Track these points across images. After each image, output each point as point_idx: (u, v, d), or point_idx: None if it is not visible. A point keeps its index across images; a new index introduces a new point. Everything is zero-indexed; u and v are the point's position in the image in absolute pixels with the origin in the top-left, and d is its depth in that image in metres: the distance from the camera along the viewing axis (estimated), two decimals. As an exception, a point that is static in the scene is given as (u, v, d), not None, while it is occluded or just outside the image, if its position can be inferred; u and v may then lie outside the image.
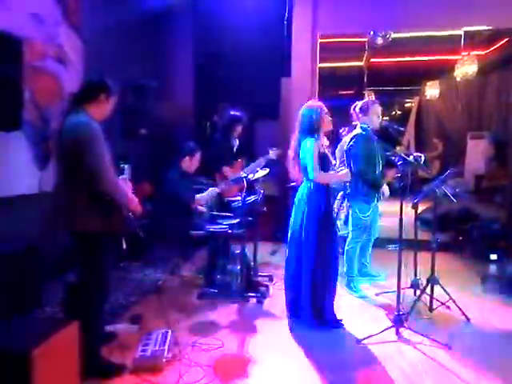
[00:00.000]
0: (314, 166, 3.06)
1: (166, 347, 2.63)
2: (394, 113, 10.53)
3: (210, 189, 3.98)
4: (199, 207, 4.10)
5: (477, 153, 8.87)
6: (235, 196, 4.47)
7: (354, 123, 4.07)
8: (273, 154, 4.56)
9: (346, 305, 3.50)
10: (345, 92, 10.24)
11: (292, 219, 3.28)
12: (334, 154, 4.25)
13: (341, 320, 3.16)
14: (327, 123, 3.19)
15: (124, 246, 2.47)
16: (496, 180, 7.83)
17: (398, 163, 2.96)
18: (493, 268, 4.60)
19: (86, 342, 2.20)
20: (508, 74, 8.01)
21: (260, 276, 4.07)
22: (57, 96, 4.19)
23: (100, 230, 2.36)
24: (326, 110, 3.18)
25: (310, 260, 3.09)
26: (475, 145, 8.99)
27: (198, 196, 3.92)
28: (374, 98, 7.13)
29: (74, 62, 4.42)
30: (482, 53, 7.80)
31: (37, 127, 3.91)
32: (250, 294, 3.62)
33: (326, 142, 3.30)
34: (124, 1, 5.10)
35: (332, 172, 3.20)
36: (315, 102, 3.24)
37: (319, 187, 3.13)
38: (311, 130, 3.14)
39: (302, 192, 3.22)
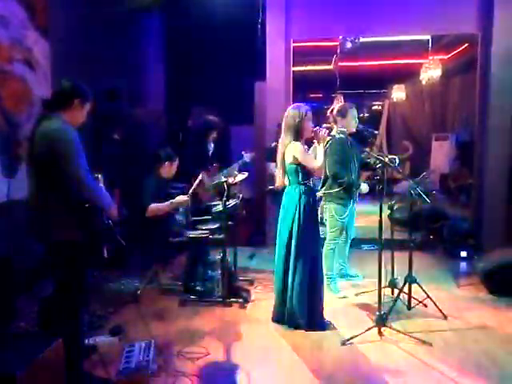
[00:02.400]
0: (310, 157, 3.12)
1: (151, 358, 2.57)
2: (362, 115, 10.78)
3: (178, 197, 3.83)
4: (177, 216, 4.03)
5: (441, 153, 9.21)
6: (211, 200, 4.43)
7: (326, 125, 4.11)
8: (247, 157, 4.56)
9: (327, 306, 3.52)
10: (314, 95, 10.40)
11: (281, 222, 3.26)
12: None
13: (328, 322, 3.23)
14: (309, 130, 3.17)
15: (105, 255, 2.39)
16: (460, 180, 8.16)
17: (377, 166, 3.03)
18: (463, 265, 4.79)
19: (67, 357, 2.11)
20: (469, 77, 8.37)
21: (241, 280, 4.05)
22: (25, 100, 4.03)
23: (78, 240, 2.28)
24: (310, 116, 3.16)
25: (305, 262, 3.12)
26: (439, 146, 9.34)
27: (153, 205, 3.71)
28: (342, 101, 7.28)
29: (43, 66, 4.27)
30: (445, 57, 8.12)
31: (4, 133, 3.74)
32: (231, 299, 3.60)
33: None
34: (93, 2, 4.97)
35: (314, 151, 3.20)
36: (301, 106, 3.20)
37: (308, 189, 3.18)
38: (296, 133, 3.14)
39: (291, 195, 3.21)
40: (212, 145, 4.75)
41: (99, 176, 2.50)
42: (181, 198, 3.82)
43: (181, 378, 2.48)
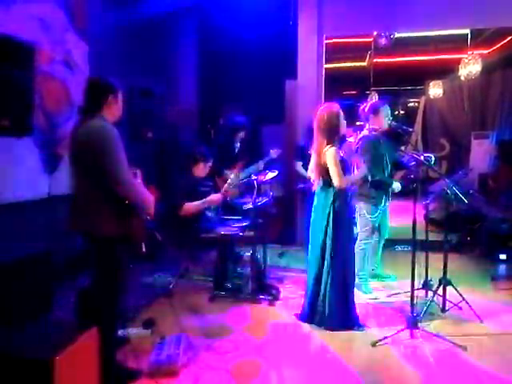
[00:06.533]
0: (338, 172, 3.05)
1: (181, 351, 2.63)
2: (397, 113, 10.51)
3: (211, 196, 3.89)
4: (207, 212, 4.09)
5: (481, 152, 8.86)
6: (240, 198, 4.46)
7: (359, 123, 4.05)
8: (273, 153, 4.56)
9: (358, 307, 3.48)
10: (348, 92, 10.24)
11: (313, 224, 3.26)
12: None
13: (362, 324, 3.19)
14: (344, 127, 3.17)
15: (144, 250, 2.45)
16: (500, 180, 7.81)
17: (411, 164, 2.96)
18: (502, 268, 4.60)
19: (101, 347, 2.19)
20: (511, 72, 8.00)
21: (270, 278, 4.06)
22: (64, 101, 4.19)
23: (117, 234, 2.34)
24: (342, 114, 3.17)
25: (339, 264, 3.13)
26: (479, 144, 8.98)
27: (187, 204, 3.78)
28: (377, 98, 7.15)
29: (81, 67, 4.43)
30: (485, 52, 7.80)
31: (45, 132, 3.91)
32: (261, 297, 3.62)
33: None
34: (129, 5, 5.11)
35: (353, 174, 3.24)
36: (334, 105, 3.19)
37: (343, 192, 3.15)
38: (332, 134, 3.12)
39: (325, 197, 3.18)
40: (238, 144, 4.77)
41: (137, 172, 2.55)
42: (214, 196, 3.87)
43: (210, 372, 2.52)
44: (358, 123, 4.87)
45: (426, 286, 3.60)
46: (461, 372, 2.55)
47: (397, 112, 10.59)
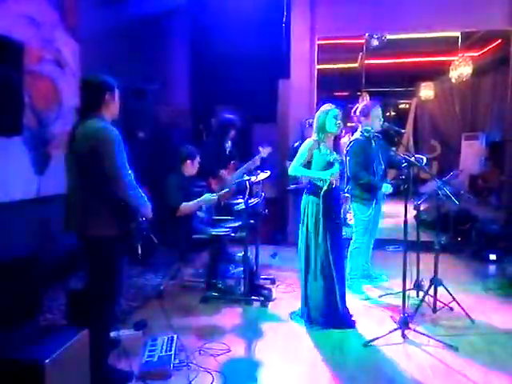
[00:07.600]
0: (295, 161, 3.21)
1: (173, 352, 2.61)
2: (388, 114, 10.59)
3: (204, 196, 3.86)
4: (198, 212, 4.06)
5: (471, 154, 8.95)
6: (232, 199, 4.44)
7: (350, 125, 4.06)
8: (264, 152, 4.54)
9: (350, 307, 3.49)
10: (339, 93, 10.28)
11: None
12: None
13: (353, 320, 3.22)
14: (334, 127, 3.17)
15: (139, 252, 2.42)
16: (490, 180, 7.91)
17: (403, 165, 2.97)
18: (493, 268, 4.64)
19: (93, 349, 2.17)
20: (501, 75, 8.10)
21: (262, 279, 4.05)
22: (54, 100, 4.15)
23: (115, 236, 2.32)
24: (337, 114, 3.17)
25: (321, 260, 3.15)
26: (469, 146, 9.07)
27: (184, 205, 3.75)
28: (368, 100, 7.18)
29: (71, 66, 4.38)
30: (476, 54, 7.88)
31: (34, 131, 3.86)
32: (253, 298, 3.61)
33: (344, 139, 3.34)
34: (121, 3, 5.07)
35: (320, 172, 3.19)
36: (327, 106, 3.23)
37: (316, 188, 3.17)
38: (317, 132, 3.21)
39: (304, 194, 3.29)
40: (230, 143, 4.74)
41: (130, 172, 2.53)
42: (208, 196, 3.85)
43: (202, 373, 2.50)
44: (349, 124, 4.90)
45: (417, 286, 3.62)
46: (452, 372, 2.56)
47: (388, 113, 10.67)
